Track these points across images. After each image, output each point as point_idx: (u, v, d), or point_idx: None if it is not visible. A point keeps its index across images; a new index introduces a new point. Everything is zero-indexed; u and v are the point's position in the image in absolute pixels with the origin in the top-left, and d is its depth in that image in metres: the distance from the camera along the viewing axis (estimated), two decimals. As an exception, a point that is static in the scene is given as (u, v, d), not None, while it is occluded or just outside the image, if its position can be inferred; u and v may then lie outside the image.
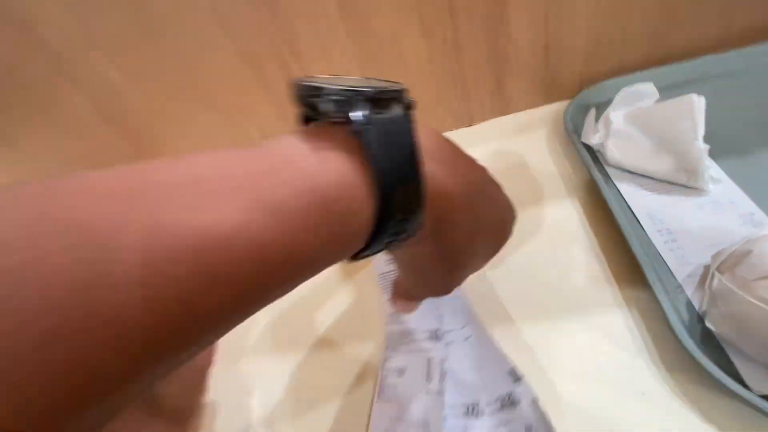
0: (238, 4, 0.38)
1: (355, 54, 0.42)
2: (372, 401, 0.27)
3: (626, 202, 0.33)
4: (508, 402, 0.24)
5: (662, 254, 0.29)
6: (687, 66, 0.40)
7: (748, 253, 0.23)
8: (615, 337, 0.27)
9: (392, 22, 0.39)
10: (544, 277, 0.31)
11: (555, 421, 0.23)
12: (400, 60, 0.42)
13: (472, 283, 0.32)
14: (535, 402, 0.24)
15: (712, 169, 0.32)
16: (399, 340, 0.29)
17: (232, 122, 0.49)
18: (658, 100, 0.36)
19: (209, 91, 0.46)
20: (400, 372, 0.27)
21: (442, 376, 0.27)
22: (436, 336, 0.29)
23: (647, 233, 0.30)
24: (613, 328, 0.27)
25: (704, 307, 0.25)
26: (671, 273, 0.28)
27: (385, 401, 0.26)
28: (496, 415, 0.23)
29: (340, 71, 0.43)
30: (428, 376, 0.26)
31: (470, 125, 0.48)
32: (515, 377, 0.25)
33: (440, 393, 0.26)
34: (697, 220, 0.30)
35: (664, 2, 0.38)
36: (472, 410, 0.24)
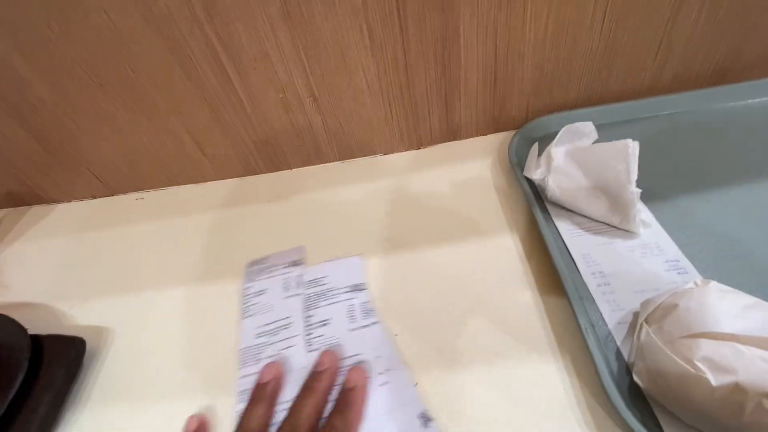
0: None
1: (299, 64, 0.39)
2: None
3: (563, 242, 0.32)
4: None
5: (595, 298, 0.29)
6: (623, 107, 0.41)
7: (675, 306, 0.23)
8: (546, 386, 0.26)
9: (340, 34, 0.37)
10: (478, 313, 0.30)
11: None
12: (348, 74, 0.39)
13: (405, 319, 0.30)
14: None
15: (643, 213, 0.32)
16: None
17: (156, 123, 0.44)
18: (596, 141, 0.37)
19: (132, 89, 0.41)
20: None
21: None
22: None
23: (582, 275, 0.30)
24: (545, 377, 0.26)
25: (632, 359, 0.25)
26: (603, 320, 0.27)
27: None
28: None
29: (283, 79, 0.40)
30: None
31: (419, 148, 0.47)
32: (425, 419, 0.25)
33: None
34: (628, 263, 0.30)
35: (607, 45, 0.39)
36: None
